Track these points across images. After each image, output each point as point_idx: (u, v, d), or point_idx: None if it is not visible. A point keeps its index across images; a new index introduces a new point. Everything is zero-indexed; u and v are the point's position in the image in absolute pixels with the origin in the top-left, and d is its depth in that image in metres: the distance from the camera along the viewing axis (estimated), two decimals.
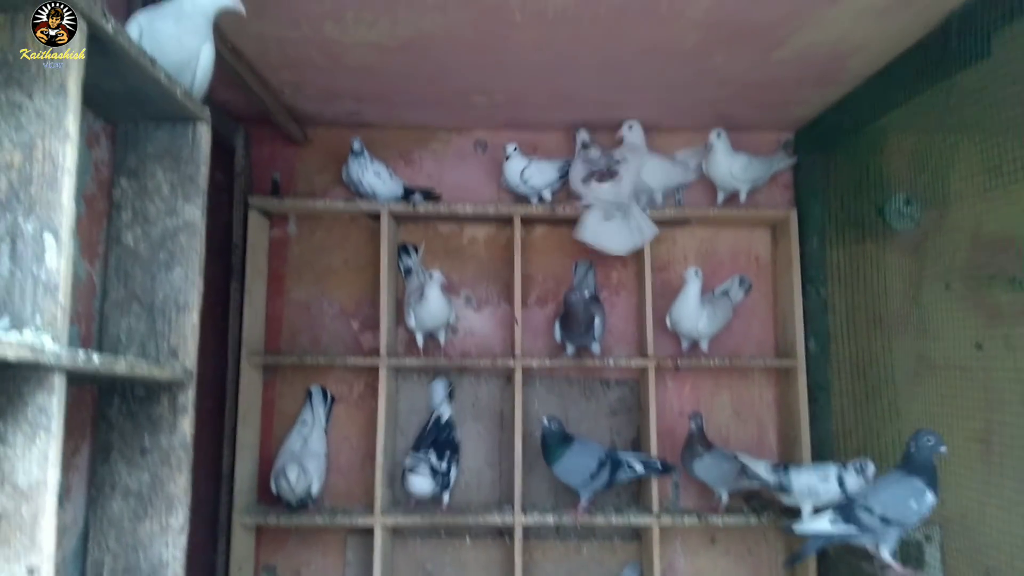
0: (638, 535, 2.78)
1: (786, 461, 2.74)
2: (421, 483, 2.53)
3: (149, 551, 1.40)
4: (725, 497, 2.62)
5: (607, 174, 2.65)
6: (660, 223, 2.77)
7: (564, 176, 2.78)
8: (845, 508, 2.04)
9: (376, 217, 2.74)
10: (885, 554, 1.99)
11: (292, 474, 2.47)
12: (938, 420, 2.28)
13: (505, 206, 2.78)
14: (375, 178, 2.69)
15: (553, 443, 2.54)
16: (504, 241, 2.88)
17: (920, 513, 1.88)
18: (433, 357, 2.76)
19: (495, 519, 2.61)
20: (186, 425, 1.45)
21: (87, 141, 1.56)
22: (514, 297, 2.72)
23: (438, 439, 2.64)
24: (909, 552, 2.25)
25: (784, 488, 2.36)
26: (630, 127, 2.74)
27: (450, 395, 2.79)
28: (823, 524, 2.03)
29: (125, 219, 1.58)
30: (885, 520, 1.92)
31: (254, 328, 2.69)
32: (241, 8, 1.58)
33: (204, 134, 1.61)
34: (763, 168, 2.78)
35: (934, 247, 2.48)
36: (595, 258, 2.87)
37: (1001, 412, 2.16)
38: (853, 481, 2.27)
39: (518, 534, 2.58)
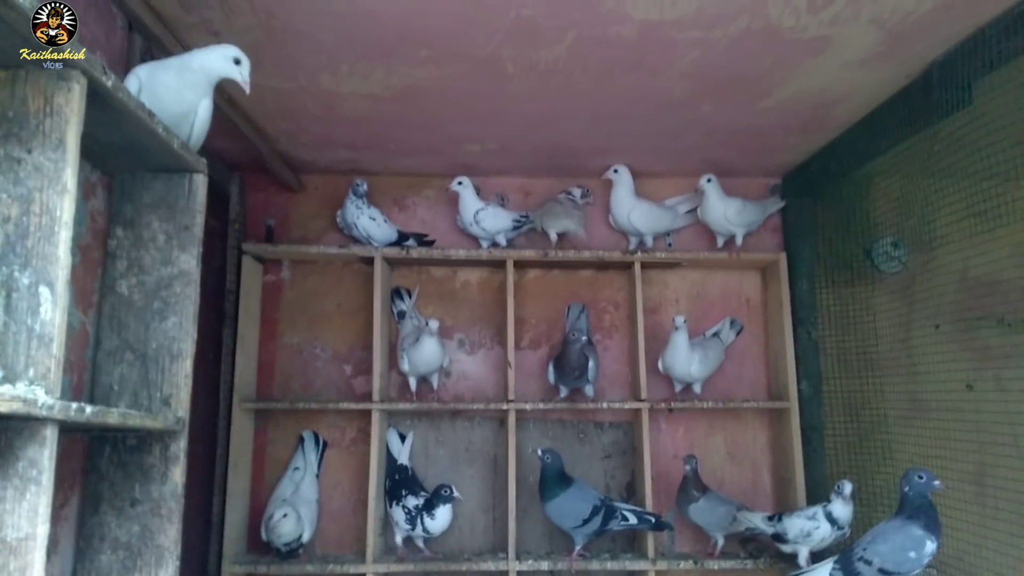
0: None
1: (781, 502, 2.74)
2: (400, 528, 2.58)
3: None
4: (721, 541, 2.60)
5: None
6: (652, 266, 2.80)
7: (519, 227, 2.83)
8: (844, 558, 2.02)
9: (370, 262, 2.76)
10: None
11: (284, 520, 2.44)
12: (931, 462, 2.28)
13: (498, 251, 2.80)
14: (370, 223, 2.72)
15: (551, 481, 2.53)
16: (497, 284, 2.90)
17: (920, 562, 1.87)
18: (426, 401, 2.75)
19: (489, 565, 2.58)
20: (177, 475, 1.44)
21: (83, 192, 1.58)
22: (507, 340, 2.73)
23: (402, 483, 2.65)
24: None
25: (780, 537, 2.35)
26: (615, 171, 2.79)
27: (402, 438, 2.78)
28: (824, 574, 2.01)
29: (120, 268, 1.59)
30: (884, 572, 1.90)
31: (246, 373, 2.69)
32: (247, 85, 1.60)
33: (200, 184, 1.63)
34: (757, 212, 2.82)
35: (922, 289, 2.51)
36: (587, 301, 2.89)
37: (994, 454, 2.17)
38: (839, 509, 2.27)
39: None
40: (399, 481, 2.65)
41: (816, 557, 2.32)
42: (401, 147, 2.67)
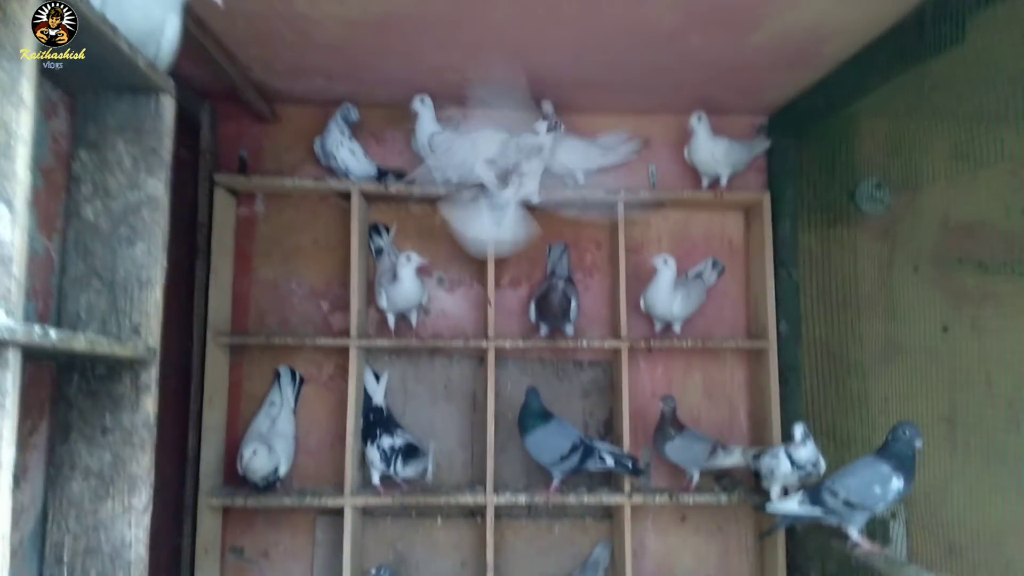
0: (609, 514, 2.80)
1: (756, 441, 2.78)
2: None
3: (111, 532, 1.37)
4: (696, 477, 2.64)
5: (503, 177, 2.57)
6: (634, 205, 2.77)
7: None
8: (813, 491, 2.07)
9: (347, 196, 2.69)
10: (852, 533, 2.03)
11: (257, 454, 2.44)
12: (904, 402, 2.31)
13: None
14: (350, 156, 2.64)
15: (531, 415, 2.54)
16: None
17: (885, 499, 1.91)
18: (405, 338, 2.73)
19: (467, 499, 2.61)
20: (149, 404, 1.41)
21: (44, 111, 1.50)
22: (487, 278, 2.70)
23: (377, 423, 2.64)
24: (875, 530, 2.28)
25: (757, 473, 2.41)
26: (545, 106, 2.66)
27: (377, 378, 2.76)
28: (791, 505, 2.07)
29: (85, 193, 1.52)
30: (848, 504, 1.96)
31: (220, 308, 2.64)
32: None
33: (168, 106, 1.56)
34: (744, 152, 2.78)
35: (904, 231, 2.51)
36: (569, 240, 2.86)
37: (966, 393, 2.20)
38: (795, 450, 2.30)
39: (490, 514, 2.58)
40: (374, 421, 2.64)
41: None
42: (379, 77, 2.58)
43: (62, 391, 1.44)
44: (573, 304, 2.67)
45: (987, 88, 1.94)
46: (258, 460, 2.45)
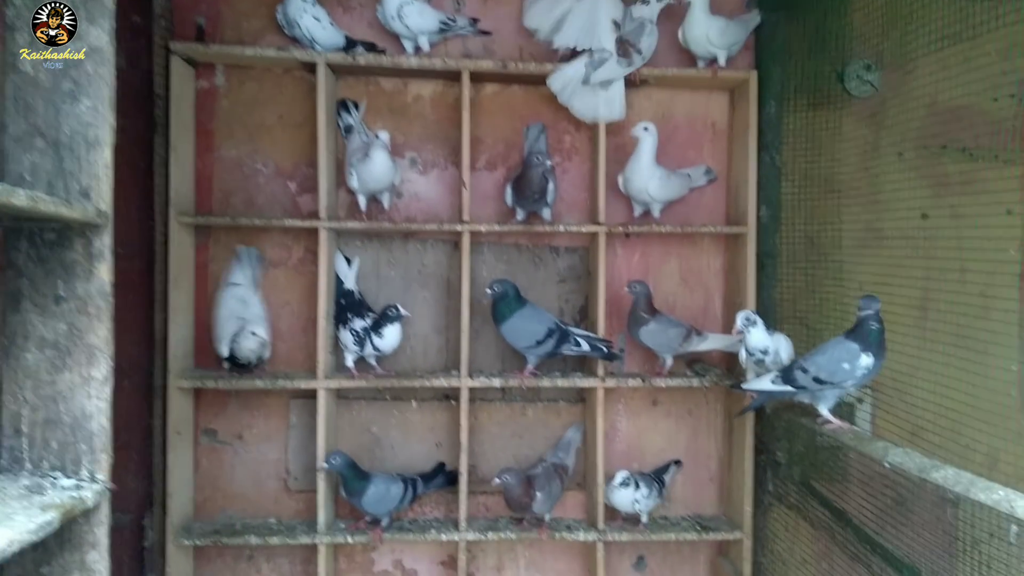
0: (582, 398, 2.83)
1: (729, 327, 2.77)
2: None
3: (71, 403, 1.32)
4: (670, 361, 2.66)
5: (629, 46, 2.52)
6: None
7: (445, 30, 2.61)
8: (786, 369, 2.09)
9: (312, 68, 2.54)
10: (823, 410, 2.06)
11: (257, 335, 2.45)
12: (880, 288, 2.31)
13: (453, 60, 2.60)
14: (314, 23, 2.47)
15: (505, 303, 2.51)
16: (452, 100, 2.72)
17: (853, 375, 1.93)
18: (376, 221, 2.65)
19: (441, 382, 2.61)
20: (104, 272, 1.33)
21: None
22: (462, 160, 2.60)
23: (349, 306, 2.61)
24: (842, 414, 2.33)
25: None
26: None
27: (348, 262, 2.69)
28: (765, 383, 2.10)
29: (21, 43, 1.38)
30: (818, 380, 1.99)
31: (182, 186, 2.52)
32: None
33: None
34: (740, 31, 2.66)
35: (891, 115, 2.44)
36: (547, 121, 2.75)
37: (939, 280, 2.20)
38: (747, 338, 2.29)
39: (464, 396, 2.59)
40: (345, 306, 2.60)
41: None
42: None
43: (9, 258, 1.35)
44: (551, 186, 2.59)
45: None
46: (256, 340, 2.45)
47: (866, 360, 1.91)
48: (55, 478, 1.32)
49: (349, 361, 2.57)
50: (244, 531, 2.58)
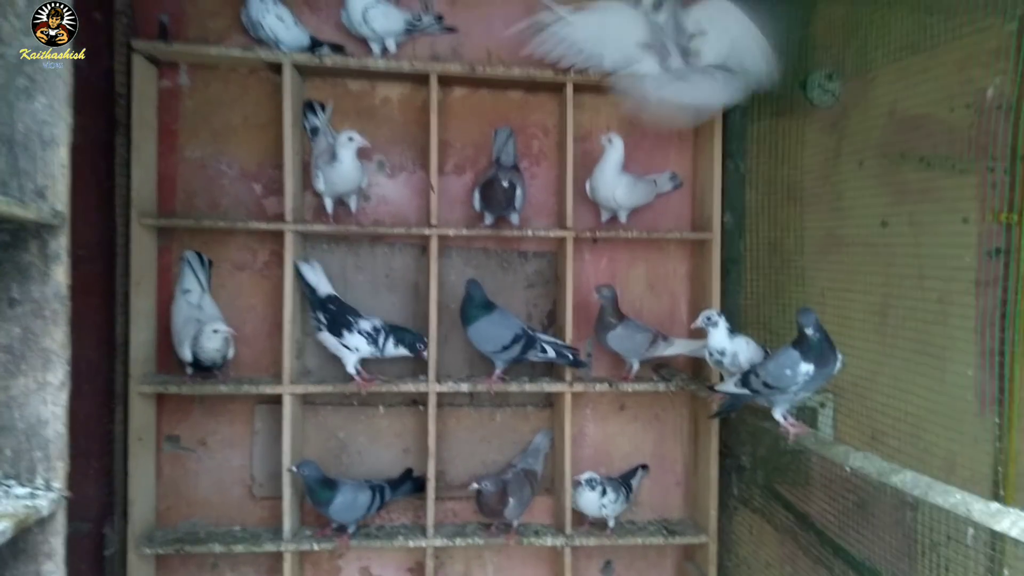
0: (550, 403, 2.83)
1: (695, 332, 2.80)
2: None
3: (25, 409, 1.28)
4: (636, 366, 2.67)
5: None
6: (585, 89, 2.67)
7: (411, 30, 2.60)
8: (745, 374, 2.14)
9: (278, 69, 2.50)
10: (776, 413, 2.10)
11: (218, 332, 2.41)
12: (841, 295, 2.36)
13: (421, 62, 2.59)
14: (277, 23, 2.44)
15: (474, 305, 2.50)
16: (420, 103, 2.71)
17: (795, 380, 1.97)
18: (344, 224, 2.62)
19: (409, 387, 2.59)
20: (60, 274, 1.30)
21: None
22: (430, 163, 2.59)
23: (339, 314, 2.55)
24: (804, 417, 2.37)
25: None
26: None
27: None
28: (730, 387, 2.14)
29: None
30: (767, 385, 2.04)
31: (144, 187, 2.47)
32: None
33: None
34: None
35: (851, 124, 2.49)
36: (515, 126, 2.75)
37: (899, 287, 2.25)
38: (710, 339, 2.30)
39: (432, 401, 2.57)
40: (337, 311, 2.52)
41: None
42: None
43: None
44: (518, 192, 2.60)
45: None
46: (219, 337, 2.41)
47: (806, 367, 1.96)
48: (8, 486, 1.28)
49: (351, 367, 2.52)
50: (208, 539, 2.53)
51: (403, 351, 2.52)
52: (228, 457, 2.68)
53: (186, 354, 2.43)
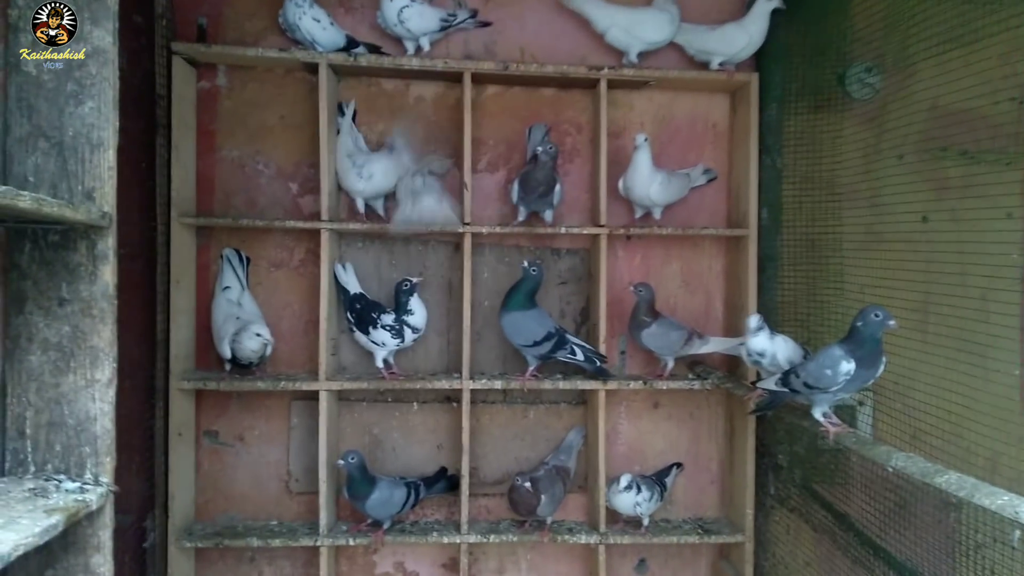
0: (584, 400, 2.82)
1: (731, 330, 2.79)
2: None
3: (74, 405, 1.31)
4: (671, 364, 2.66)
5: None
6: (618, 85, 2.65)
7: (446, 27, 2.61)
8: (786, 373, 2.11)
9: (314, 69, 2.53)
10: (815, 412, 2.08)
11: (257, 338, 2.45)
12: (880, 292, 2.31)
13: (455, 61, 2.60)
14: (314, 24, 2.47)
15: (521, 292, 2.54)
16: (453, 101, 2.72)
17: (835, 380, 1.94)
18: (378, 222, 2.64)
19: (443, 384, 2.60)
20: (107, 274, 1.33)
21: None
22: (463, 161, 2.60)
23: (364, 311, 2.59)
24: (843, 416, 2.33)
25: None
26: None
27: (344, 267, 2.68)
28: (770, 384, 2.13)
29: (24, 44, 1.39)
30: (808, 385, 2.01)
31: (184, 187, 2.52)
32: None
33: None
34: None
35: (891, 118, 2.44)
36: (549, 122, 2.75)
37: (940, 284, 2.20)
38: (750, 340, 2.28)
39: (466, 398, 2.58)
40: (363, 309, 2.57)
41: None
42: None
43: (13, 260, 1.35)
44: (558, 187, 2.59)
45: None
46: (259, 341, 2.46)
47: (847, 367, 1.93)
48: (59, 481, 1.32)
49: (379, 361, 2.57)
50: (245, 533, 2.58)
51: (418, 319, 2.55)
52: (265, 452, 2.72)
53: (225, 351, 2.48)
